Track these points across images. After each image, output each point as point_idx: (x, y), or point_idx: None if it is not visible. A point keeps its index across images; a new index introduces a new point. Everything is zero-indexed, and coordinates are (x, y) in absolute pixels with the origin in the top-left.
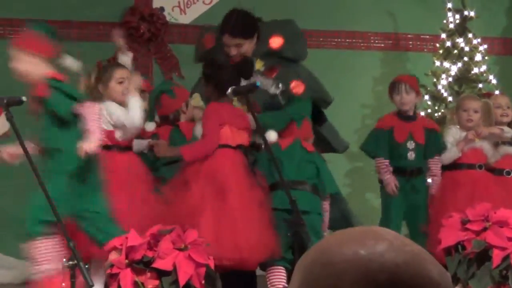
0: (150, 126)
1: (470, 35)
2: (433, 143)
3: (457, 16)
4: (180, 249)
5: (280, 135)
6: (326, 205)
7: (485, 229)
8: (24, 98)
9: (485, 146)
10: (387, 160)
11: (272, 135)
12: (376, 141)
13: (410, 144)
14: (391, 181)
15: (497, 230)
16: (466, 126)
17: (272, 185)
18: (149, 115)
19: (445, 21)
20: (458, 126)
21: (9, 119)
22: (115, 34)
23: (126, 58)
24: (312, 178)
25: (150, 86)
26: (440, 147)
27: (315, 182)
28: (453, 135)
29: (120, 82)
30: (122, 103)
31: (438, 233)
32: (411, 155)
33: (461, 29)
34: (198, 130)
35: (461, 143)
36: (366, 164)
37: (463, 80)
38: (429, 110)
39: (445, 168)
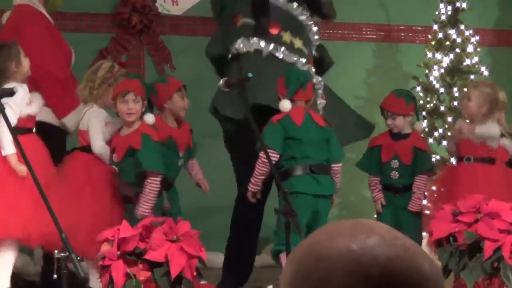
0: (150, 118)
1: (462, 27)
2: (420, 162)
3: (449, 8)
4: (172, 241)
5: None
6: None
7: (476, 220)
8: (15, 89)
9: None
10: (378, 178)
11: (286, 105)
12: (368, 159)
13: (394, 164)
14: (378, 199)
15: (488, 222)
16: (463, 115)
17: (290, 170)
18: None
19: (437, 13)
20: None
21: (1, 111)
22: None
23: None
24: (327, 159)
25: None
26: (426, 167)
27: (328, 158)
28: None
29: None
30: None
31: None
32: (394, 174)
33: (453, 21)
34: None
35: (457, 135)
36: (359, 155)
37: (455, 71)
38: (421, 102)
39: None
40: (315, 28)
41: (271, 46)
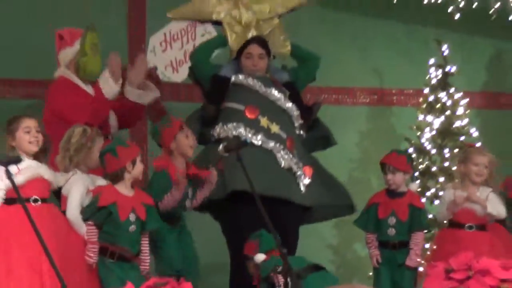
0: None
1: (452, 90)
2: (416, 220)
3: (439, 72)
4: None
5: None
6: None
7: (468, 277)
8: (21, 158)
9: (477, 207)
10: (374, 235)
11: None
12: (365, 217)
13: (391, 220)
14: (374, 255)
15: (479, 279)
16: (475, 180)
17: None
18: None
19: (427, 77)
20: (460, 180)
21: (9, 178)
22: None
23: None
24: None
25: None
26: (422, 224)
27: None
28: (447, 197)
29: (27, 132)
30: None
31: None
32: (391, 231)
33: (443, 84)
34: None
35: (451, 206)
36: (353, 216)
37: (446, 133)
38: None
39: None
40: (296, 113)
41: (250, 132)
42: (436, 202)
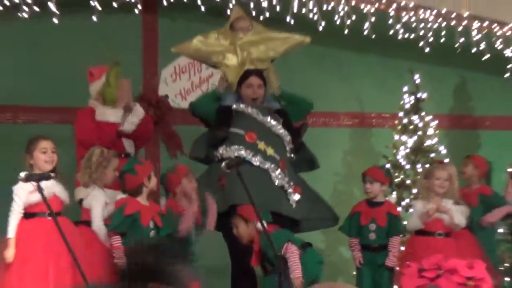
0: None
1: (423, 113)
2: (394, 226)
3: (412, 98)
4: None
5: None
6: None
7: (438, 276)
8: (52, 175)
9: (444, 216)
10: (357, 239)
11: None
12: (348, 224)
13: (372, 227)
14: (357, 258)
15: (448, 277)
16: (438, 192)
17: None
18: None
19: (402, 102)
20: (425, 194)
21: (40, 192)
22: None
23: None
24: None
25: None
26: (398, 230)
27: None
28: (417, 209)
29: (44, 152)
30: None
31: None
32: (372, 236)
33: (415, 108)
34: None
35: (424, 216)
36: (339, 222)
37: (418, 151)
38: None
39: (414, 233)
40: (288, 138)
41: (250, 154)
42: (411, 210)
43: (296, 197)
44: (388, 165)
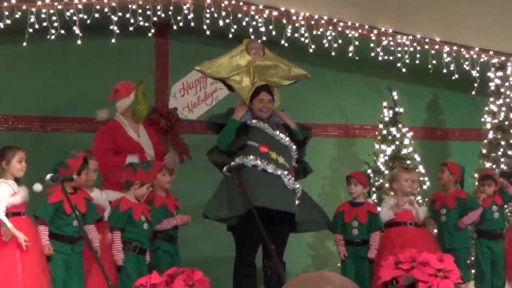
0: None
1: (400, 126)
2: (373, 222)
3: (391, 112)
4: (190, 286)
5: None
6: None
7: (412, 267)
8: (74, 176)
9: (412, 209)
10: (341, 235)
11: None
12: (334, 222)
13: (354, 223)
14: (341, 251)
15: (421, 269)
16: (407, 192)
17: None
18: None
19: (381, 116)
20: (393, 194)
21: (65, 193)
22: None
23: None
24: None
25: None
26: (378, 226)
27: None
28: (388, 202)
29: (19, 162)
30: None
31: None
32: (355, 231)
33: (393, 121)
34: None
35: (394, 208)
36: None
37: (396, 158)
38: (371, 181)
39: (386, 225)
40: (294, 147)
41: (264, 163)
42: (383, 205)
43: (297, 201)
44: (369, 171)
